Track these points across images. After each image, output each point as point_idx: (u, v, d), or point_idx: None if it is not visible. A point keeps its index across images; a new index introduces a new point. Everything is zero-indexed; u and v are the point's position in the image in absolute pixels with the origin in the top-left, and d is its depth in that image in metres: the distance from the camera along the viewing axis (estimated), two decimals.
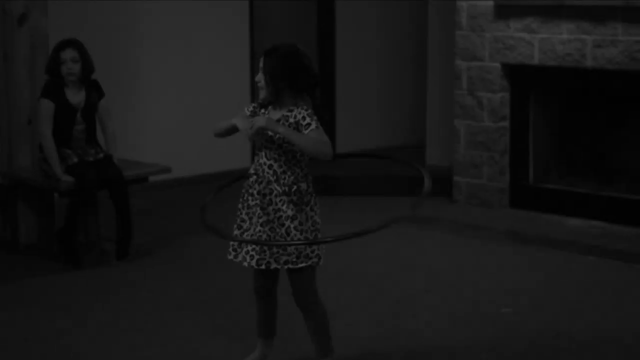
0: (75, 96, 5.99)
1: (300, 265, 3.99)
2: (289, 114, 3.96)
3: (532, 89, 7.25)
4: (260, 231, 3.98)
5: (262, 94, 4.02)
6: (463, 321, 5.01)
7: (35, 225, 6.27)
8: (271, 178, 3.98)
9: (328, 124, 9.16)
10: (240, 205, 4.08)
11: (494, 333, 4.83)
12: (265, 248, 3.97)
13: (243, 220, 4.06)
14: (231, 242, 4.10)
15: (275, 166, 3.98)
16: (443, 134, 8.20)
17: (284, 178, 3.97)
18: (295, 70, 3.96)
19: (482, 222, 7.00)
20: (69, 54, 5.90)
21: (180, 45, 8.00)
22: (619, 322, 5.00)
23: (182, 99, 8.08)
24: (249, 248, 4.00)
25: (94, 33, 7.23)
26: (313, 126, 3.93)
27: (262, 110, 4.06)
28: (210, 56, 8.13)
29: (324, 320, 4.14)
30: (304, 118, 3.94)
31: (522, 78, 7.23)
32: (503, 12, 7.14)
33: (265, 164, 4.00)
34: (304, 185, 4.00)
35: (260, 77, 4.00)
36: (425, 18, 8.57)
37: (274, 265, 4.00)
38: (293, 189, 3.97)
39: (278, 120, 3.95)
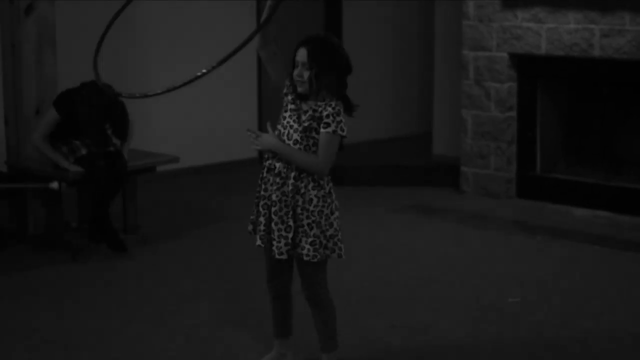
0: None
1: (317, 260, 3.94)
2: (317, 107, 3.88)
3: (540, 79, 7.24)
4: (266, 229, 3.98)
5: (302, 88, 3.88)
6: (470, 311, 5.01)
7: (42, 216, 6.28)
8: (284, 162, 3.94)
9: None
10: (255, 200, 4.05)
11: (501, 323, 4.84)
12: (288, 240, 3.93)
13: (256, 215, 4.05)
14: (249, 228, 4.08)
15: (279, 165, 3.94)
16: (450, 124, 8.19)
17: (290, 177, 3.92)
18: (341, 62, 3.87)
19: (489, 212, 6.99)
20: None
21: (188, 37, 8.00)
22: (626, 312, 5.00)
23: (190, 90, 8.06)
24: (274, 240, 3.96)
25: (100, 26, 7.22)
26: (329, 129, 3.85)
27: (290, 98, 3.96)
28: (218, 49, 8.10)
29: (331, 313, 4.10)
30: (327, 116, 3.85)
31: (529, 68, 7.22)
32: (510, 2, 7.12)
33: (271, 164, 3.97)
34: (311, 183, 3.93)
35: (302, 72, 3.84)
36: (432, 8, 8.56)
37: (284, 255, 3.94)
38: (305, 180, 3.91)
39: (305, 112, 3.88)
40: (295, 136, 3.92)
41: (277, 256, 3.93)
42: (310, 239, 3.92)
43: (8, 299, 5.24)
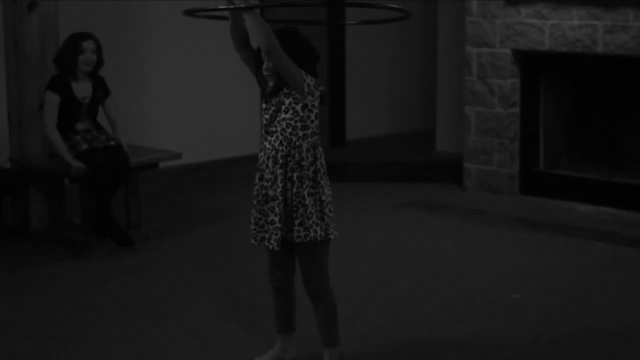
0: (82, 90, 6.03)
1: (308, 239, 3.92)
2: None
3: (543, 75, 7.23)
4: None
5: (272, 82, 3.95)
6: (472, 307, 5.01)
7: (45, 212, 6.29)
8: (271, 154, 3.94)
9: (338, 110, 9.15)
10: (255, 192, 4.05)
11: (503, 319, 4.83)
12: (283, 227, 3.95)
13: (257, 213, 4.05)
14: (252, 230, 4.06)
15: (273, 140, 3.93)
16: (453, 121, 8.19)
17: (281, 150, 3.92)
18: (301, 46, 3.92)
19: (492, 209, 6.99)
20: (90, 45, 6.00)
21: (188, 34, 7.99)
22: (628, 309, 4.99)
23: (191, 87, 8.09)
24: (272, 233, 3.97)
25: (102, 22, 7.23)
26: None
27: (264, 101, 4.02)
28: (218, 44, 8.12)
29: (333, 309, 4.09)
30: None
31: (532, 64, 7.22)
32: None
33: (267, 147, 3.96)
34: (306, 156, 3.93)
35: (268, 65, 3.92)
36: (435, 4, 8.55)
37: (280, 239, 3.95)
38: (290, 163, 3.91)
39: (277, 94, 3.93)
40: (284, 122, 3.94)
41: (276, 248, 3.95)
42: (298, 220, 3.92)
43: (10, 295, 5.25)
